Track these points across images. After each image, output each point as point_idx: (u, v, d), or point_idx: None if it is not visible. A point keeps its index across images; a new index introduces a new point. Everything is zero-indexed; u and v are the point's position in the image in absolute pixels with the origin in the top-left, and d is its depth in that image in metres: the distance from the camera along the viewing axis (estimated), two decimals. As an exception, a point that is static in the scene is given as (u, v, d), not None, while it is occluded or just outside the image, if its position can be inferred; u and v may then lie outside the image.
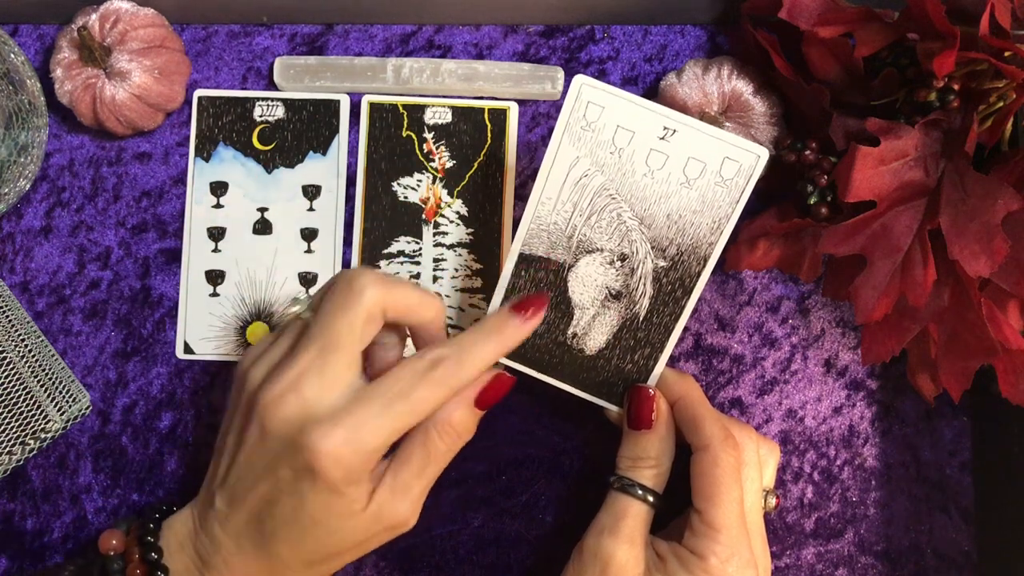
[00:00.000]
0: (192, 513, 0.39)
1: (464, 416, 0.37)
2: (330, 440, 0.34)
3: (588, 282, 0.39)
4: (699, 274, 0.38)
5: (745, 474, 0.38)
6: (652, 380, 0.41)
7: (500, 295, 0.40)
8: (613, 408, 0.41)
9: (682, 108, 0.44)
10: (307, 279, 0.47)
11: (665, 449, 0.39)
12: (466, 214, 0.47)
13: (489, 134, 0.48)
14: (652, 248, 0.38)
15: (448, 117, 0.48)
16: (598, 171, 0.38)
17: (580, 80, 0.36)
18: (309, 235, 0.48)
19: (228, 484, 0.37)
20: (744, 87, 0.44)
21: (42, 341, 0.46)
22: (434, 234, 0.47)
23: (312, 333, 0.36)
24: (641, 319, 0.40)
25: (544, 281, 0.40)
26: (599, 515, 0.39)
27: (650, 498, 0.38)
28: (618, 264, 0.39)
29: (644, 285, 0.39)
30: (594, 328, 0.40)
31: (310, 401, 0.35)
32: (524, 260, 0.39)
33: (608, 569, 0.37)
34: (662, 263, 0.39)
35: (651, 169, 0.37)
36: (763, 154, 0.36)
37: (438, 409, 0.36)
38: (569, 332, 0.40)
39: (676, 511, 0.42)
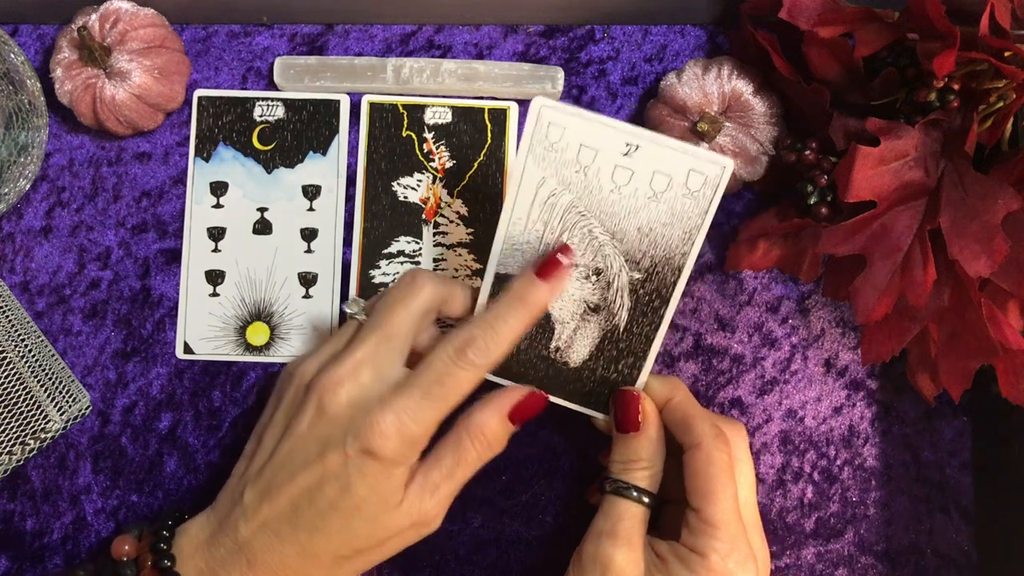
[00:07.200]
0: (209, 518, 0.39)
1: (497, 427, 0.38)
2: (383, 421, 0.36)
3: (566, 297, 0.40)
4: (675, 283, 0.39)
5: (738, 469, 0.38)
6: (638, 387, 0.41)
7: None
8: (600, 416, 0.42)
9: (682, 108, 0.44)
10: (307, 279, 0.47)
11: (656, 450, 0.39)
12: (466, 214, 0.47)
13: (489, 134, 0.48)
14: (626, 261, 0.39)
15: (448, 117, 0.48)
16: (565, 190, 0.38)
17: (539, 102, 0.36)
18: (309, 235, 0.48)
19: (263, 478, 0.38)
20: (744, 87, 0.44)
21: (42, 341, 0.46)
22: (434, 234, 0.47)
23: (371, 324, 0.39)
24: (621, 330, 0.40)
25: None
26: (596, 519, 0.39)
27: (645, 499, 0.38)
28: (594, 278, 0.39)
29: (621, 297, 0.39)
30: (576, 341, 0.40)
31: (366, 387, 0.37)
32: (500, 280, 0.40)
33: (608, 573, 0.37)
34: (637, 275, 0.39)
35: (617, 185, 0.37)
36: (728, 164, 0.36)
37: (473, 389, 0.38)
38: (552, 346, 0.40)
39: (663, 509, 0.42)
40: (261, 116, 0.48)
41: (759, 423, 0.47)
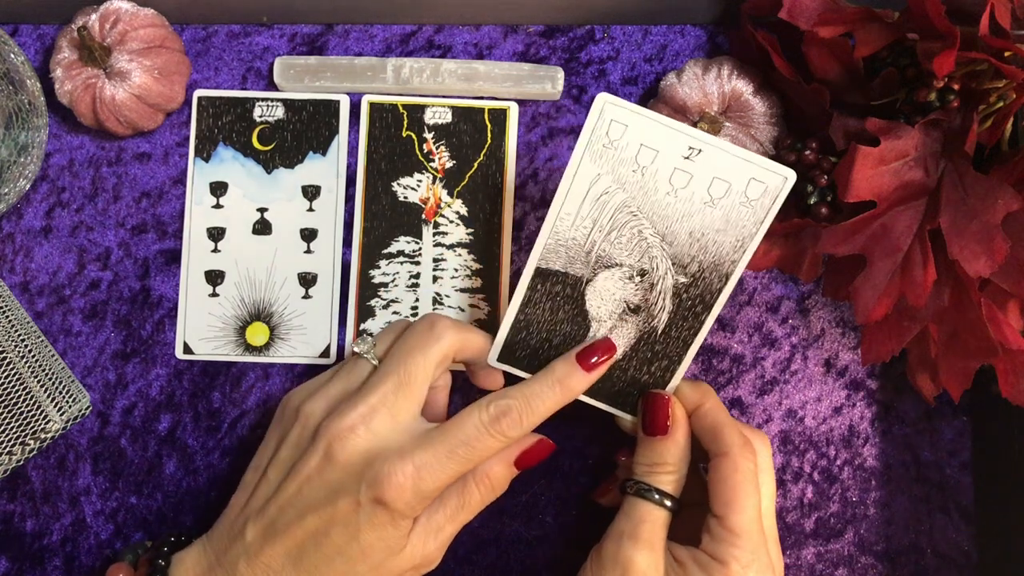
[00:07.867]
0: (206, 550, 0.39)
1: (502, 472, 0.39)
2: (401, 474, 0.36)
3: (606, 296, 0.39)
4: (720, 291, 0.38)
5: (761, 479, 0.38)
6: (669, 391, 0.41)
7: (515, 309, 0.40)
8: (627, 417, 0.41)
9: (682, 108, 0.44)
10: (307, 279, 0.47)
11: (683, 455, 0.39)
12: (466, 214, 0.47)
13: (489, 134, 0.48)
14: (673, 264, 0.38)
15: (448, 117, 0.48)
16: (619, 188, 0.37)
17: (604, 98, 0.36)
18: (309, 235, 0.47)
19: (266, 516, 0.37)
20: (744, 87, 0.44)
21: (42, 341, 0.46)
22: (434, 234, 0.47)
23: (387, 370, 0.38)
24: (659, 332, 0.39)
25: (561, 294, 0.40)
26: (617, 520, 0.39)
27: (668, 503, 0.38)
28: (637, 279, 0.39)
29: (663, 300, 0.39)
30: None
31: (380, 435, 0.37)
32: (540, 274, 0.39)
33: (628, 575, 0.37)
34: (683, 279, 0.38)
35: (674, 188, 0.37)
36: (791, 176, 0.36)
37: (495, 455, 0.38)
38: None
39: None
40: (261, 116, 0.48)
41: (759, 423, 0.47)
